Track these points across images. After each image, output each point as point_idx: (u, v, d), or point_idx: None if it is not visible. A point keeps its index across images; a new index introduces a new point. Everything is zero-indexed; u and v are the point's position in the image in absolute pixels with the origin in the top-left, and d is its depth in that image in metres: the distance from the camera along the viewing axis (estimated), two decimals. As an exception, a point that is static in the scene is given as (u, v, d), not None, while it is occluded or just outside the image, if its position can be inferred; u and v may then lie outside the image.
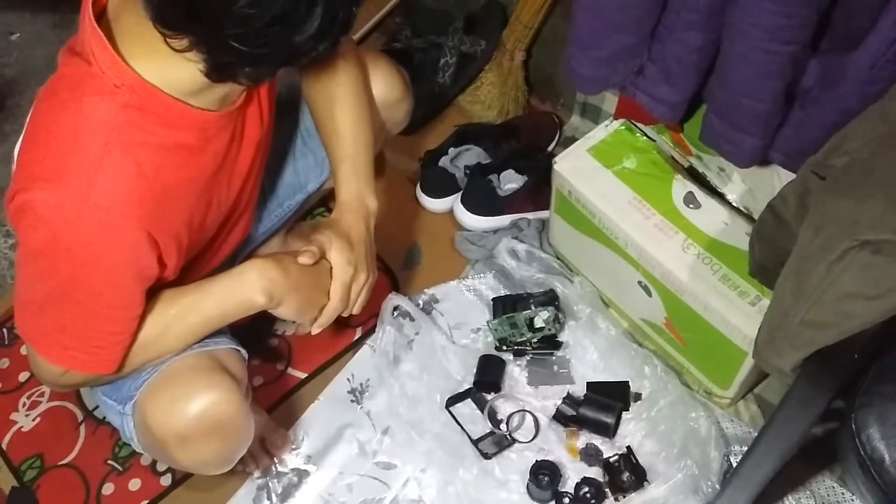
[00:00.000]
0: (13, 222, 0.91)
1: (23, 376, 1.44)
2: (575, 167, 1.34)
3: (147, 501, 1.30)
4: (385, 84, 1.28)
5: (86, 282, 0.92)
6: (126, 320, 0.98)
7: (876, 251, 0.78)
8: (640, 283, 1.32)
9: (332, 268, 1.08)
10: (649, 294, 1.31)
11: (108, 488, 1.32)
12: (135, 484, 1.32)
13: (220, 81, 0.89)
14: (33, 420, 1.39)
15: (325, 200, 1.56)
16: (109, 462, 1.34)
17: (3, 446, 1.37)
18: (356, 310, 1.14)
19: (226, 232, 1.15)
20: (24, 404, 1.41)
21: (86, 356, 0.98)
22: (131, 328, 0.98)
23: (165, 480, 1.32)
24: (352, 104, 1.16)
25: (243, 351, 1.14)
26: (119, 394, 1.09)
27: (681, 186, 1.30)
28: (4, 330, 1.50)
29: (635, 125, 1.37)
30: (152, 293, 1.00)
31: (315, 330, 1.11)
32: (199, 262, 1.13)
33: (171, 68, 0.87)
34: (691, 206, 1.28)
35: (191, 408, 1.01)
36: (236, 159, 1.04)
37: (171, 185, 0.93)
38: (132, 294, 0.96)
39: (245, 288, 1.02)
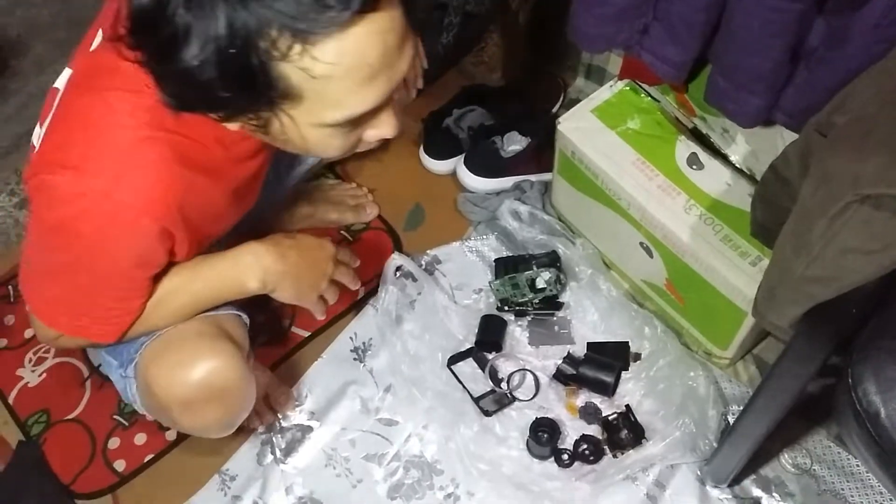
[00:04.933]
0: (30, 193, 0.93)
1: (28, 333, 1.45)
2: (578, 127, 1.34)
3: (152, 455, 1.32)
4: None
5: (93, 265, 0.94)
6: (127, 300, 1.00)
7: (877, 206, 0.78)
8: (641, 244, 1.32)
9: (336, 251, 1.10)
10: (651, 255, 1.32)
11: (113, 443, 1.34)
12: (140, 438, 1.34)
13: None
14: (39, 376, 1.41)
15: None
16: (115, 417, 1.36)
17: (10, 401, 1.38)
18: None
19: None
20: (31, 360, 1.42)
21: (80, 327, 1.00)
22: (132, 307, 1.00)
23: (171, 435, 1.34)
24: None
25: (245, 316, 1.16)
26: (120, 357, 1.11)
27: (684, 147, 1.30)
28: (10, 287, 1.50)
29: (640, 86, 1.37)
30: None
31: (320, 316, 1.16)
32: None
33: None
34: (694, 167, 1.28)
35: (193, 374, 1.02)
36: (258, 165, 1.04)
37: (198, 182, 0.93)
38: (138, 280, 0.98)
39: (239, 273, 1.03)
